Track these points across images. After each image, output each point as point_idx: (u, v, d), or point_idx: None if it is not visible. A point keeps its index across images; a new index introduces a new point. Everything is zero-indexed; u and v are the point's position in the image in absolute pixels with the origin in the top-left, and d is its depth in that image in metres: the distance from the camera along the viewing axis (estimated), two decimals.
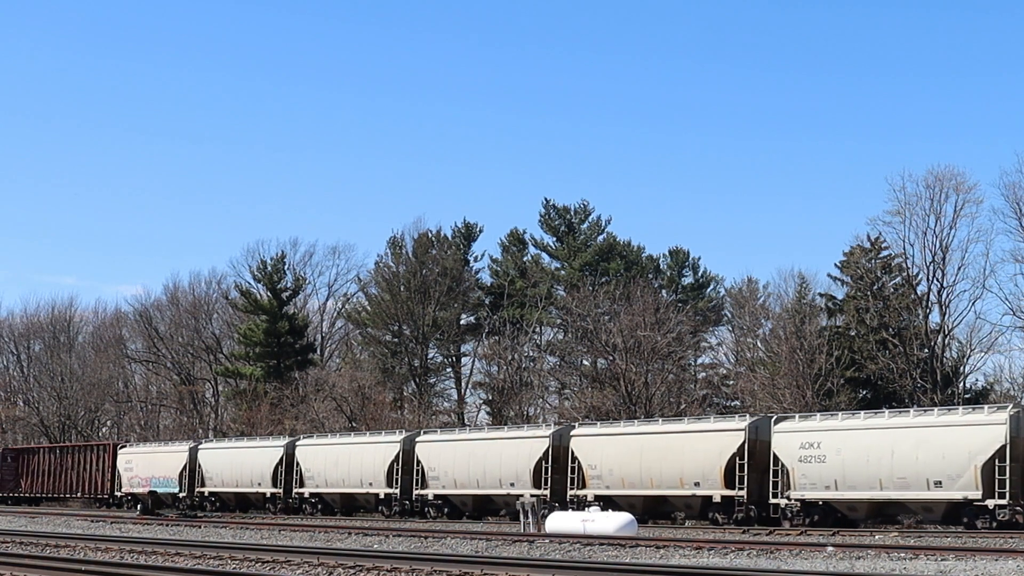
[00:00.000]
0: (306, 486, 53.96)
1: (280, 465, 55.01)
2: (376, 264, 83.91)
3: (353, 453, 52.70)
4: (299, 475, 54.41)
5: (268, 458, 55.84)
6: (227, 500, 58.27)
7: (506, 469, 46.16)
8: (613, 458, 43.42)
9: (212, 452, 59.73)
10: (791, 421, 40.58)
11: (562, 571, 20.89)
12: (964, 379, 60.37)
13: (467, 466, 47.91)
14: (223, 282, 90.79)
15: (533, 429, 48.34)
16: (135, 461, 63.17)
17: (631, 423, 46.50)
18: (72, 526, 43.25)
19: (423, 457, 49.52)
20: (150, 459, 62.58)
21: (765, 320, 69.36)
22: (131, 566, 21.84)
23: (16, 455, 73.56)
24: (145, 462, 62.57)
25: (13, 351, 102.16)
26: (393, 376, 78.56)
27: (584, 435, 45.15)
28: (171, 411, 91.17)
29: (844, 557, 24.73)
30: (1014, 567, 21.87)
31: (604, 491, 43.19)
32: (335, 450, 53.75)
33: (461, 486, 48.06)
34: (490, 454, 47.19)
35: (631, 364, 62.47)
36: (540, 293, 76.75)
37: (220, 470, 58.36)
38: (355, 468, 52.19)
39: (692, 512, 42.64)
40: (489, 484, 46.91)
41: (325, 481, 53.25)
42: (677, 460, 41.90)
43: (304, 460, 54.24)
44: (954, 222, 58.87)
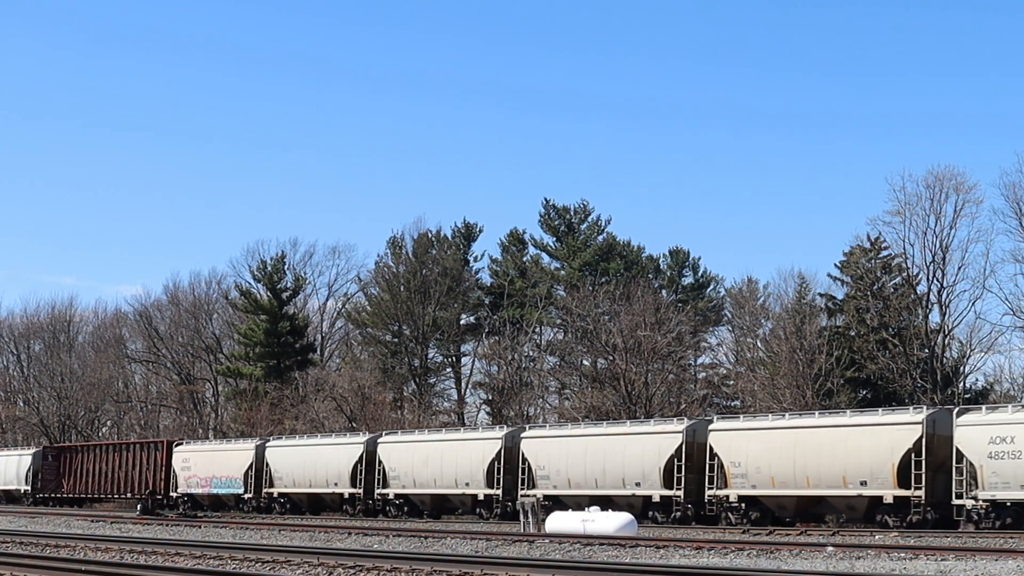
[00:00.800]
0: (390, 486, 50.95)
1: (360, 464, 52.19)
2: (376, 264, 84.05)
3: (446, 451, 49.68)
4: (382, 474, 51.44)
5: (346, 456, 52.92)
6: (298, 501, 55.42)
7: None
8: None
9: (282, 450, 56.77)
10: (977, 413, 37.19)
11: (562, 571, 20.90)
12: (964, 379, 60.40)
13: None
14: (223, 282, 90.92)
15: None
16: (193, 460, 60.68)
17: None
18: (72, 526, 43.25)
19: (529, 455, 46.80)
20: (211, 458, 60.07)
21: (765, 320, 69.38)
22: (131, 566, 21.84)
23: (57, 454, 70.72)
24: (205, 461, 60.05)
25: (13, 351, 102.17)
26: (393, 376, 78.57)
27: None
28: (171, 411, 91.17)
29: (844, 557, 24.73)
30: (1014, 567, 21.87)
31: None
32: (424, 448, 50.81)
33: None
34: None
35: (631, 364, 62.47)
36: (540, 293, 76.75)
37: (291, 469, 55.48)
38: (449, 467, 49.13)
39: None
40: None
41: (413, 481, 50.15)
42: None
43: (388, 458, 51.23)
44: (954, 222, 58.92)
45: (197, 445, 63.58)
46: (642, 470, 42.77)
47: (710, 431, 42.24)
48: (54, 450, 71.90)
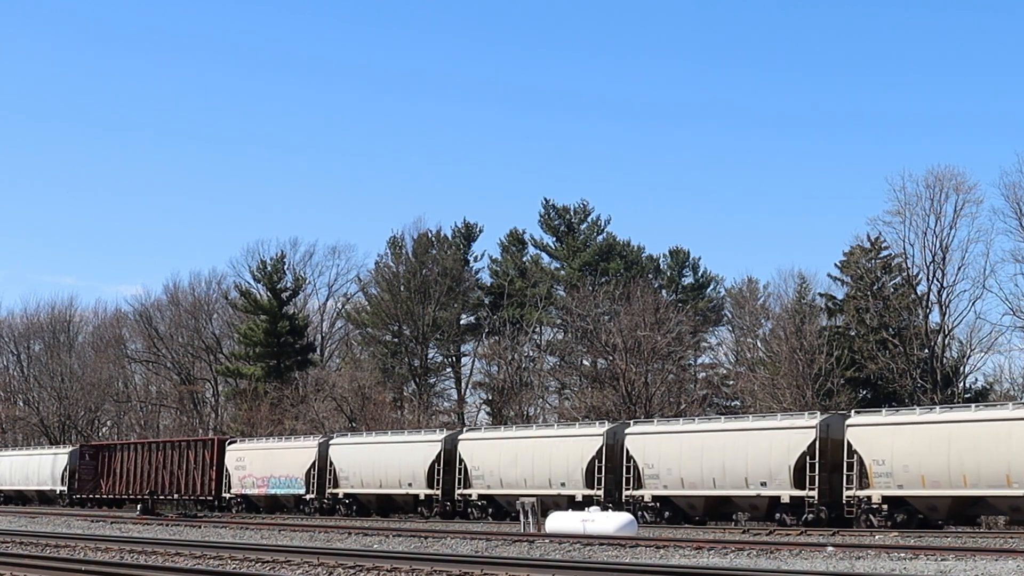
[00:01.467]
0: (473, 487, 48.09)
1: (437, 463, 49.18)
2: (376, 264, 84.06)
3: (539, 449, 47.48)
4: (464, 474, 48.57)
5: (422, 455, 49.93)
6: (366, 503, 52.31)
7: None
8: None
9: (349, 448, 53.48)
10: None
11: (562, 571, 20.89)
12: (964, 379, 60.40)
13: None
14: (223, 282, 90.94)
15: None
16: (249, 458, 57.50)
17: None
18: (72, 526, 43.24)
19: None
20: (268, 456, 56.66)
21: (765, 320, 69.39)
22: (131, 566, 21.83)
23: (95, 452, 67.26)
24: (262, 460, 56.72)
25: (13, 351, 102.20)
26: (393, 376, 78.57)
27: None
28: (171, 411, 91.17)
29: (844, 557, 24.73)
30: (1014, 567, 21.86)
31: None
32: (513, 446, 48.32)
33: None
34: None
35: (631, 364, 62.47)
36: (540, 293, 76.74)
37: (358, 468, 52.19)
38: (542, 466, 46.68)
39: None
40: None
41: (500, 481, 47.21)
42: None
43: (471, 457, 48.50)
44: (954, 222, 58.93)
45: (253, 443, 60.10)
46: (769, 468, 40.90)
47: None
48: (91, 448, 68.60)
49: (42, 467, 70.80)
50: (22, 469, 73.00)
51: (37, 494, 71.30)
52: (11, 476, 73.57)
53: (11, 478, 73.52)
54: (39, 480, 70.65)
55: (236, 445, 59.30)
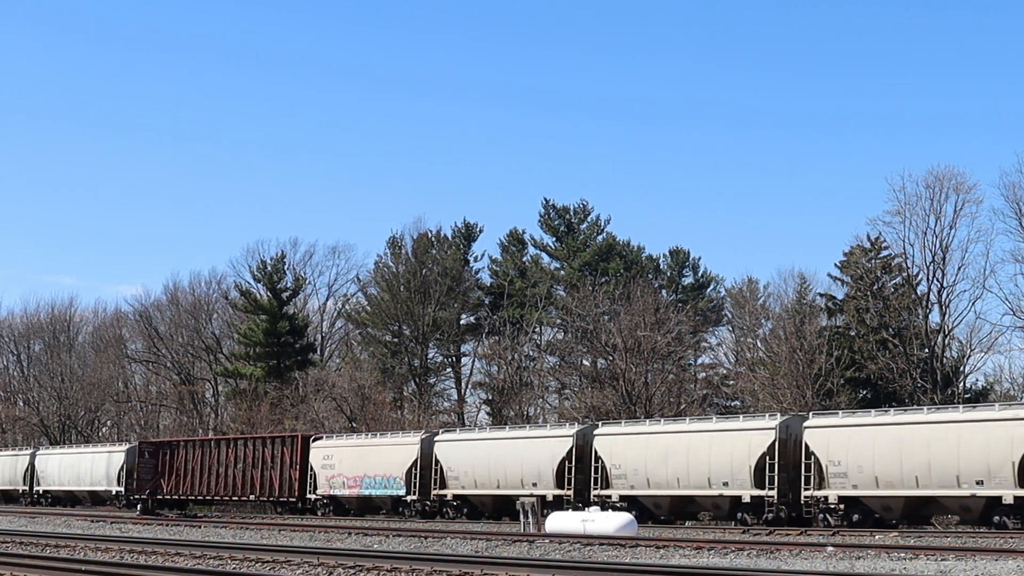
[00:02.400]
0: (613, 487, 43.74)
1: (567, 460, 44.99)
2: (376, 264, 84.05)
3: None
4: (602, 472, 44.06)
5: (549, 452, 45.74)
6: (479, 505, 48.03)
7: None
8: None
9: (458, 445, 49.53)
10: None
11: (562, 571, 20.89)
12: (964, 379, 60.38)
13: None
14: (223, 282, 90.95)
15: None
16: (338, 457, 53.24)
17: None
18: (72, 526, 43.25)
19: None
20: (362, 454, 52.48)
21: (765, 320, 69.36)
22: (131, 566, 21.84)
23: (155, 449, 62.85)
24: (354, 458, 52.58)
25: (13, 351, 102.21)
26: (393, 376, 78.56)
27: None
28: (171, 411, 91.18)
29: (844, 557, 24.73)
30: (1014, 567, 21.87)
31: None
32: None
33: None
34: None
35: (631, 364, 62.46)
36: (540, 293, 76.73)
37: (470, 467, 48.08)
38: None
39: None
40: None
41: (647, 481, 43.14)
42: None
43: (610, 454, 44.07)
44: (954, 222, 58.93)
45: (343, 439, 55.81)
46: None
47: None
48: (151, 445, 64.11)
49: (95, 466, 66.19)
50: (72, 468, 68.42)
51: (90, 495, 67.27)
52: (60, 476, 69.33)
53: (60, 478, 69.28)
54: (92, 480, 66.32)
55: (323, 442, 55.08)
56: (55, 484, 69.57)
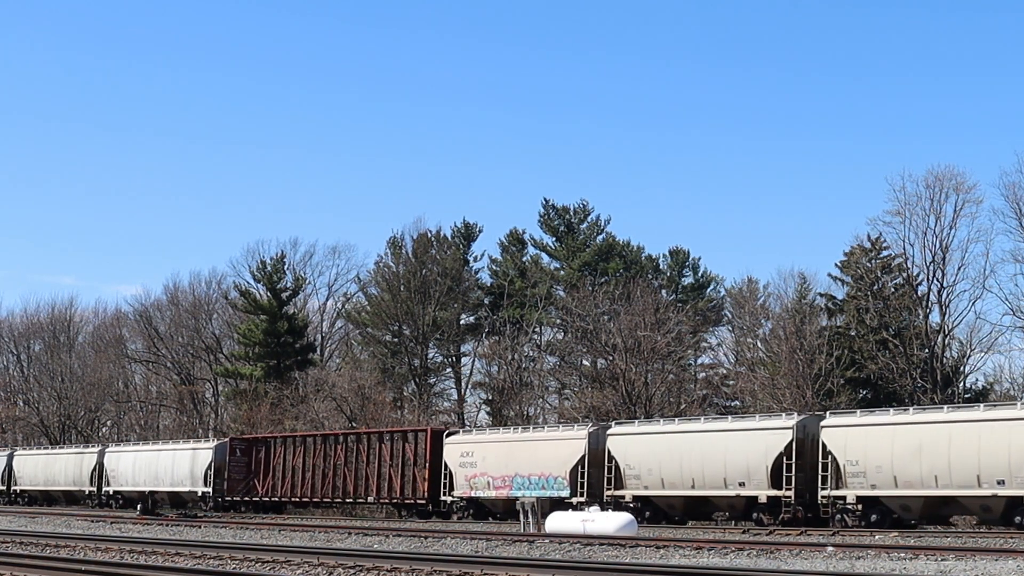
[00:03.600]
0: (849, 487, 38.41)
1: (786, 456, 39.40)
2: (376, 264, 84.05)
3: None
4: (834, 471, 38.98)
5: (762, 445, 40.18)
6: (667, 507, 42.88)
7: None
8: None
9: (638, 439, 43.84)
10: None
11: (562, 571, 20.88)
12: (964, 379, 60.41)
13: None
14: (223, 282, 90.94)
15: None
16: (480, 453, 47.94)
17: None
18: (72, 526, 43.24)
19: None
20: (511, 450, 47.26)
21: (765, 320, 69.35)
22: (131, 566, 21.83)
23: (247, 446, 58.53)
24: (502, 454, 47.30)
25: (13, 351, 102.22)
26: (393, 376, 78.55)
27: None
28: (171, 411, 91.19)
29: (844, 557, 24.72)
30: (1014, 567, 21.86)
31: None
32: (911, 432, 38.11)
33: None
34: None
35: (631, 364, 62.45)
36: (540, 293, 76.72)
37: (655, 464, 42.68)
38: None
39: None
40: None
41: (894, 480, 37.65)
42: None
43: (846, 449, 38.78)
44: (954, 222, 58.93)
45: (488, 434, 50.90)
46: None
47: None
48: (243, 442, 59.64)
49: (178, 465, 61.15)
50: (148, 467, 63.10)
51: (169, 496, 62.07)
52: (133, 475, 63.90)
53: (134, 478, 63.74)
54: (173, 480, 61.33)
55: (459, 437, 50.02)
56: (128, 484, 63.99)
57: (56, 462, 70.79)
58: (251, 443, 58.99)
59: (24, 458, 73.88)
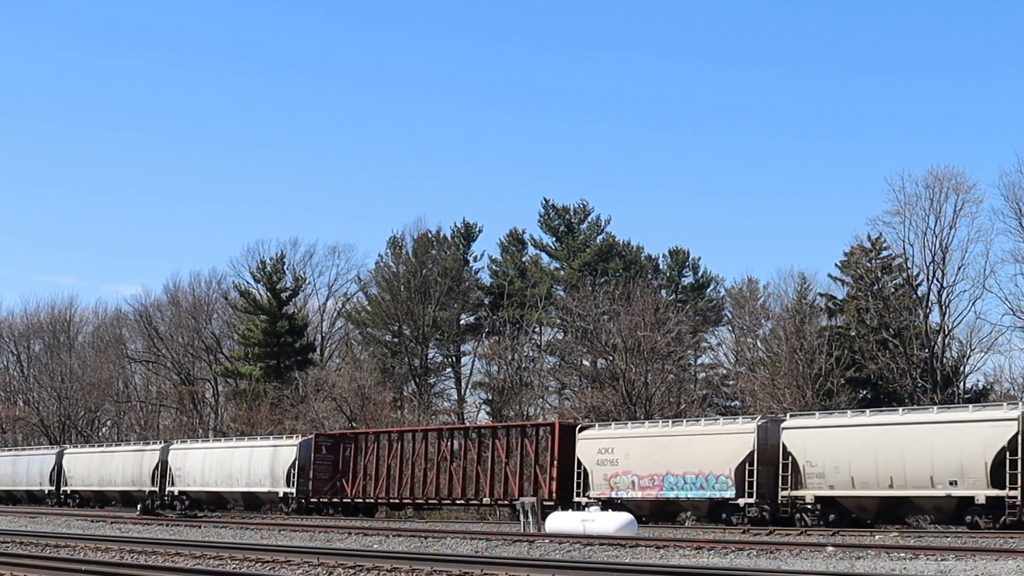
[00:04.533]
0: None
1: (1011, 452, 34.77)
2: (376, 264, 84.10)
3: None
4: None
5: (979, 440, 35.69)
6: (857, 509, 38.47)
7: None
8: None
9: (824, 433, 39.17)
10: None
11: (562, 571, 20.88)
12: (964, 379, 60.43)
13: None
14: (223, 282, 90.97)
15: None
16: (623, 450, 43.38)
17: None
18: (72, 526, 43.23)
19: None
20: (661, 446, 42.62)
21: (765, 320, 69.36)
22: (131, 566, 21.82)
23: (334, 444, 54.22)
24: (649, 451, 42.69)
25: (13, 351, 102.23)
26: (393, 376, 78.57)
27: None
28: (171, 411, 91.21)
29: (844, 557, 24.72)
30: (1014, 567, 21.85)
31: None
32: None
33: None
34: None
35: (631, 364, 62.45)
36: (540, 293, 76.74)
37: (846, 460, 38.18)
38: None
39: None
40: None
41: None
42: None
43: None
44: (954, 222, 58.95)
45: (630, 428, 45.45)
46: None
47: None
48: (330, 439, 55.02)
49: (256, 463, 56.59)
50: (221, 466, 58.58)
51: (243, 497, 57.68)
52: (203, 475, 59.34)
53: (203, 477, 59.29)
54: (251, 479, 56.71)
55: (596, 431, 45.42)
56: (196, 484, 59.69)
57: (112, 460, 66.91)
58: (338, 440, 54.68)
59: (76, 456, 70.03)
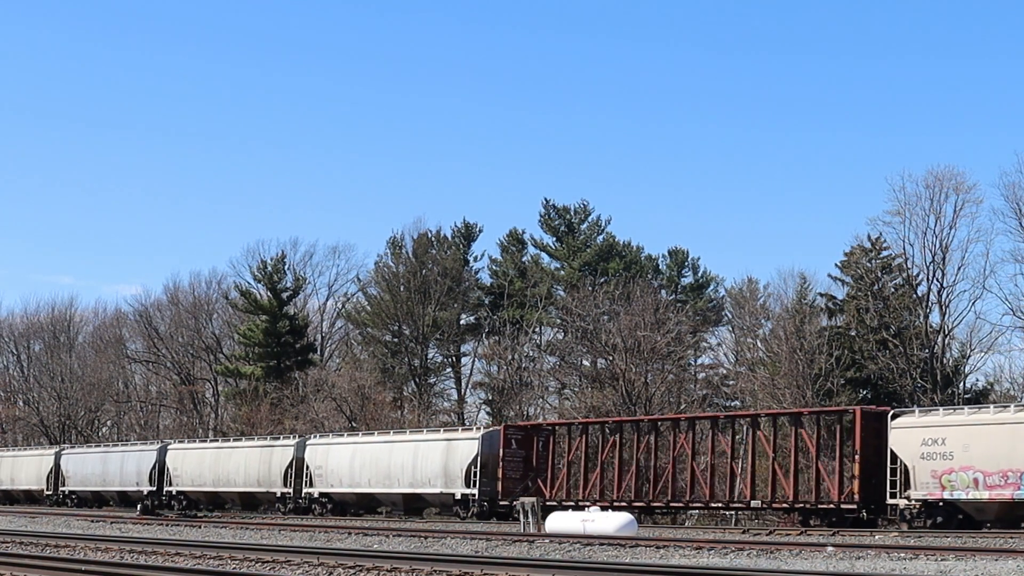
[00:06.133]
0: None
1: None
2: (376, 264, 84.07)
3: None
4: None
5: None
6: None
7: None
8: None
9: None
10: None
11: (562, 571, 20.88)
12: (964, 379, 60.38)
13: None
14: (223, 282, 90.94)
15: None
16: (959, 440, 36.00)
17: None
18: (72, 526, 43.22)
19: None
20: (1018, 437, 35.06)
21: (765, 320, 69.33)
22: (131, 566, 21.82)
23: (525, 437, 46.83)
24: (997, 443, 35.34)
25: (13, 351, 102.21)
26: (393, 376, 78.55)
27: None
28: (171, 411, 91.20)
29: (844, 557, 24.72)
30: (1014, 567, 21.85)
31: None
32: None
33: None
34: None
35: (631, 364, 62.44)
36: (540, 293, 76.73)
37: None
38: None
39: None
40: None
41: None
42: None
43: None
44: (954, 222, 58.88)
45: (970, 414, 37.61)
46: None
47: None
48: (520, 431, 47.68)
49: (425, 459, 49.14)
50: (379, 463, 50.92)
51: (405, 500, 50.49)
52: (351, 472, 52.19)
53: (351, 476, 52.12)
54: (416, 479, 49.28)
55: (917, 417, 38.16)
56: (341, 485, 52.26)
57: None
58: (529, 432, 47.37)
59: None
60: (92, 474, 68.27)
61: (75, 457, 70.72)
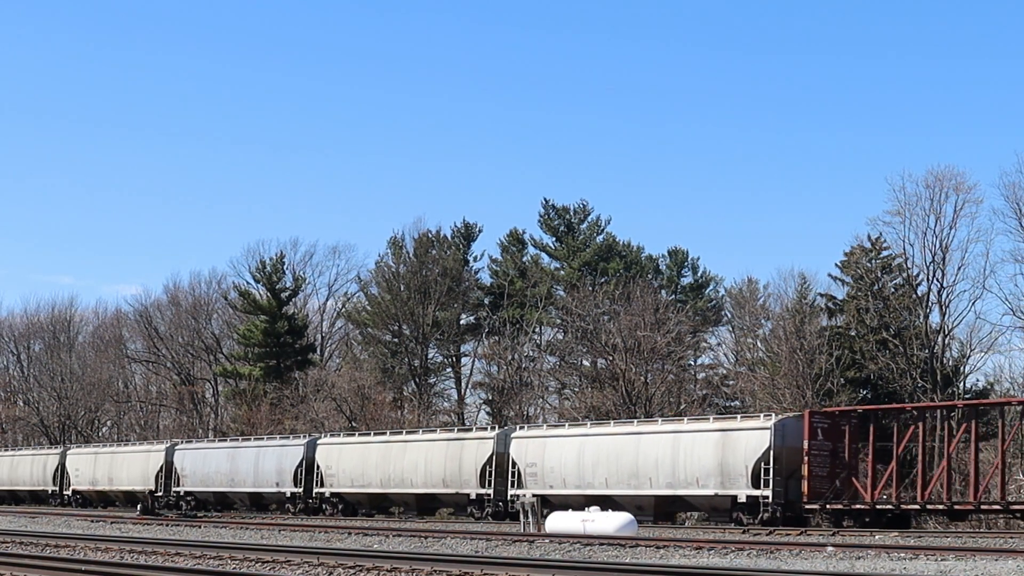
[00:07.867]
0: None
1: None
2: (376, 264, 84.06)
3: None
4: None
5: None
6: None
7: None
8: None
9: None
10: None
11: (562, 571, 20.88)
12: (964, 379, 60.35)
13: None
14: (223, 282, 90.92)
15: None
16: None
17: None
18: (72, 526, 43.22)
19: None
20: None
21: (765, 320, 69.33)
22: (131, 566, 21.83)
23: (831, 426, 38.84)
24: None
25: (13, 351, 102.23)
26: (393, 376, 78.53)
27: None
28: (171, 411, 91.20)
29: (844, 557, 24.72)
30: (1014, 567, 21.86)
31: None
32: None
33: None
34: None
35: (631, 364, 62.42)
36: (540, 293, 76.73)
37: None
38: None
39: None
40: None
41: None
42: None
43: None
44: (954, 222, 58.85)
45: None
46: None
47: None
48: (826, 418, 39.44)
49: (693, 452, 41.53)
50: (611, 459, 43.85)
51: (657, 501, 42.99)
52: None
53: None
54: (674, 478, 41.94)
55: None
56: (560, 488, 45.29)
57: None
58: (837, 419, 39.34)
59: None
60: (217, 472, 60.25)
61: (191, 453, 62.72)
